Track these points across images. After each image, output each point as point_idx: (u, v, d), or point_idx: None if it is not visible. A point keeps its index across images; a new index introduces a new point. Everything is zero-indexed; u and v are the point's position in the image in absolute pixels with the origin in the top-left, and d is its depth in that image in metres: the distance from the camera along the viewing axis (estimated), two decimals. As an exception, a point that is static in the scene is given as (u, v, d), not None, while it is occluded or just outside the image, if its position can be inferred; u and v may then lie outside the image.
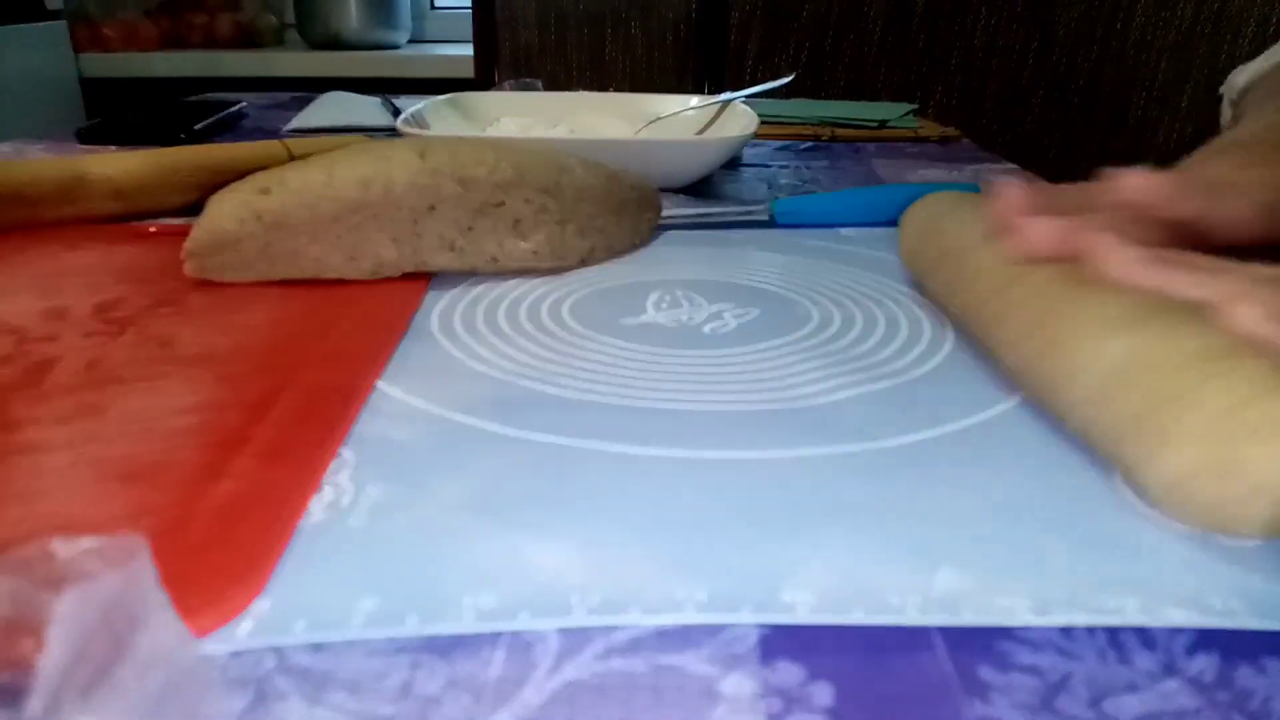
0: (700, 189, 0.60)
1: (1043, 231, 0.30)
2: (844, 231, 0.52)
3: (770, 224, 0.53)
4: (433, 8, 1.85)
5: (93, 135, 0.70)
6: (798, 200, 0.54)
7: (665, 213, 0.51)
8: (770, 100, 0.78)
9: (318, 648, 0.20)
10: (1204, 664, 0.20)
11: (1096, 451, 0.26)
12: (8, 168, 0.49)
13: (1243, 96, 0.58)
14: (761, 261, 0.46)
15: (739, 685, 0.19)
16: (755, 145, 0.75)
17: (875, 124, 0.82)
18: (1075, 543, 0.23)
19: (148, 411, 0.29)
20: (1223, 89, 0.61)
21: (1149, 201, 0.31)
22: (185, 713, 0.16)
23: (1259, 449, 0.21)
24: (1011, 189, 0.32)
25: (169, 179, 0.51)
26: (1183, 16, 0.90)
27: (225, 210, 0.40)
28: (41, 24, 1.58)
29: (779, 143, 0.77)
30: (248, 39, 1.78)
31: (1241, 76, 0.58)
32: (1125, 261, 0.27)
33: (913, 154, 0.75)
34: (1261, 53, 0.58)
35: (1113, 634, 0.20)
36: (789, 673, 0.19)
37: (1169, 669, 0.19)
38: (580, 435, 0.28)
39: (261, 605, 0.21)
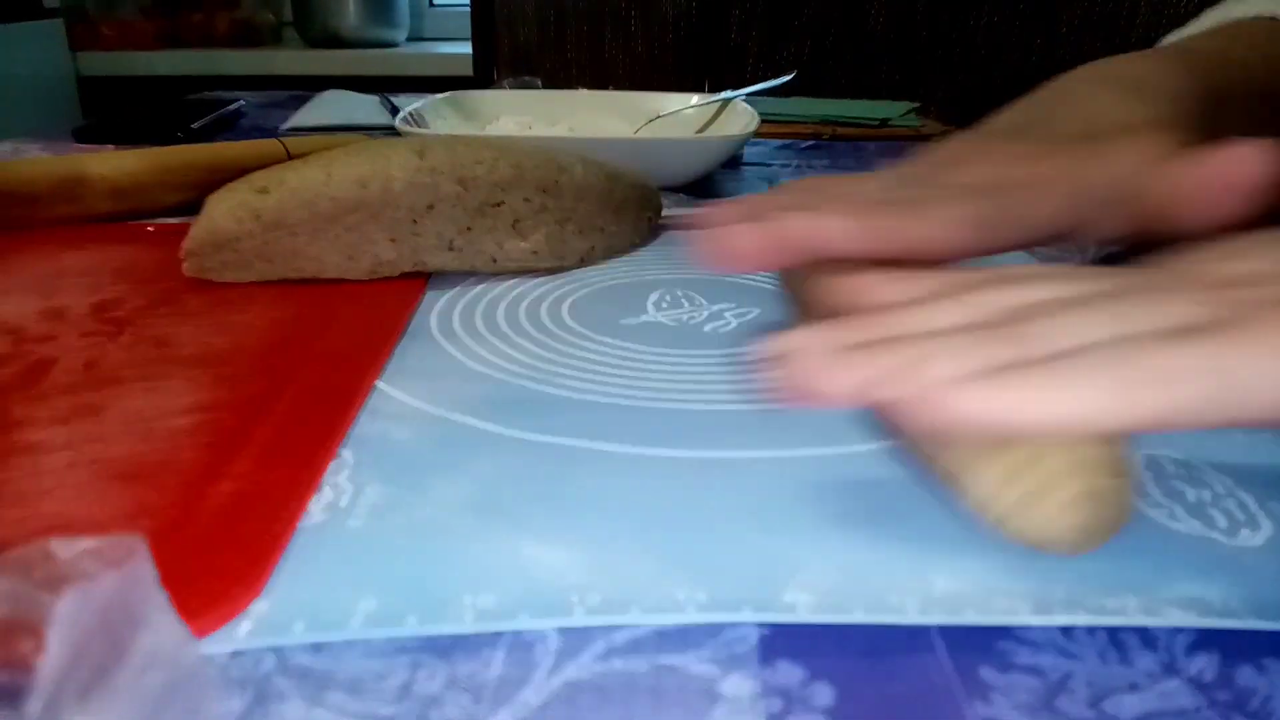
0: (701, 188, 0.60)
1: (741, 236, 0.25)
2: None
3: (770, 223, 0.53)
4: (431, 5, 1.84)
5: (90, 134, 0.70)
6: (797, 199, 0.54)
7: (665, 212, 0.51)
8: (771, 98, 0.78)
9: (317, 648, 0.20)
10: (1204, 663, 0.20)
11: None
12: (4, 167, 0.49)
13: None
14: (761, 260, 0.46)
15: (739, 685, 0.19)
16: (756, 144, 0.75)
17: (877, 122, 0.82)
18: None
19: (146, 411, 0.29)
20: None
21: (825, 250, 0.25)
22: (184, 713, 0.16)
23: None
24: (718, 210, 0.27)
25: (166, 178, 0.51)
26: (1187, 11, 0.89)
27: (223, 209, 0.40)
28: (38, 22, 1.58)
29: (780, 141, 0.77)
30: (245, 37, 1.78)
31: (1170, 38, 0.47)
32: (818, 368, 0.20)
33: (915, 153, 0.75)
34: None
35: (1113, 634, 0.20)
36: (789, 673, 0.19)
37: (1169, 669, 0.19)
38: (580, 435, 0.28)
39: (261, 605, 0.21)
